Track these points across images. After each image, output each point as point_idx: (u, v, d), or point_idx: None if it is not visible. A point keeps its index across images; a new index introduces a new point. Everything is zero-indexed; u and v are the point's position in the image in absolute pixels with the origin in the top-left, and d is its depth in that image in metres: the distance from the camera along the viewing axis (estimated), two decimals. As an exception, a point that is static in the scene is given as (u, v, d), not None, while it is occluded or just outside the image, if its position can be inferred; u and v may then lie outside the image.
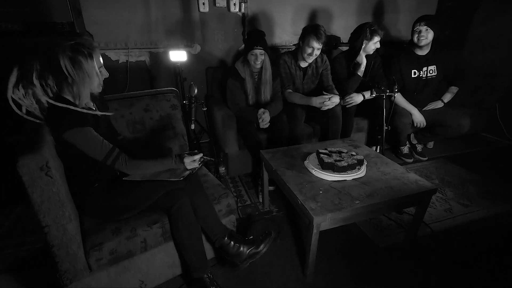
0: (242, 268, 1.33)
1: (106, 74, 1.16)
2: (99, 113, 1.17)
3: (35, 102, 1.02)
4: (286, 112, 2.15)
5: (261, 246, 1.35)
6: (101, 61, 1.13)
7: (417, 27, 2.23)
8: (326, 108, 2.08)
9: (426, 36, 2.21)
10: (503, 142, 2.97)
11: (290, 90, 2.24)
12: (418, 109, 2.39)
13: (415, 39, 2.26)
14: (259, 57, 1.97)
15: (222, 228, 1.33)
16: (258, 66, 2.02)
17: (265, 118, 1.99)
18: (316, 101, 2.09)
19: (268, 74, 2.06)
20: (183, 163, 1.23)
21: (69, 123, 1.04)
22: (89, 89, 1.11)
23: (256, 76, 2.11)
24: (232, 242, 1.31)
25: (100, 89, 1.17)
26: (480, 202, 1.95)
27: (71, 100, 1.09)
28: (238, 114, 2.09)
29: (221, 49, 2.57)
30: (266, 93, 2.13)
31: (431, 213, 1.83)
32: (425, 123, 2.38)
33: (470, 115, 2.42)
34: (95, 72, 1.08)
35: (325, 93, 2.15)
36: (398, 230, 1.69)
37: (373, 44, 2.21)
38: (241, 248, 1.31)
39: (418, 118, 2.37)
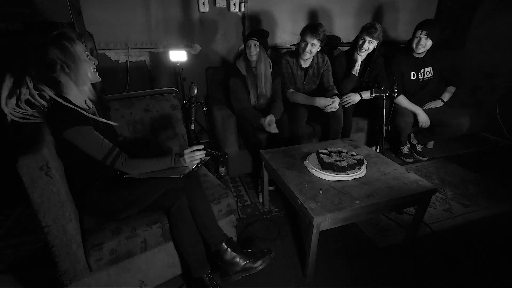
0: (234, 280, 1.25)
1: (95, 60, 1.17)
2: (102, 120, 1.17)
3: (30, 109, 1.01)
4: (287, 112, 2.15)
5: (259, 262, 1.26)
6: (85, 48, 1.14)
7: (418, 34, 2.23)
8: (329, 110, 2.08)
9: (425, 44, 2.23)
10: (503, 142, 2.97)
11: (292, 90, 2.23)
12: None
13: (414, 45, 2.27)
14: (253, 48, 1.97)
15: (220, 232, 1.29)
16: (254, 59, 2.02)
17: (272, 125, 1.96)
18: (320, 102, 2.08)
19: (263, 65, 2.04)
20: (182, 160, 1.22)
21: (69, 121, 1.04)
22: (86, 75, 1.11)
23: (255, 71, 2.10)
24: (229, 249, 1.26)
25: (97, 78, 1.17)
26: (480, 202, 1.95)
27: (70, 99, 1.09)
28: (241, 114, 2.08)
29: (221, 49, 2.57)
30: (262, 87, 2.10)
31: (431, 213, 1.83)
32: (429, 123, 2.39)
33: (470, 115, 2.42)
34: (84, 56, 1.10)
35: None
36: (398, 230, 1.69)
37: (367, 44, 2.14)
38: (237, 258, 1.25)
39: (424, 117, 2.37)
